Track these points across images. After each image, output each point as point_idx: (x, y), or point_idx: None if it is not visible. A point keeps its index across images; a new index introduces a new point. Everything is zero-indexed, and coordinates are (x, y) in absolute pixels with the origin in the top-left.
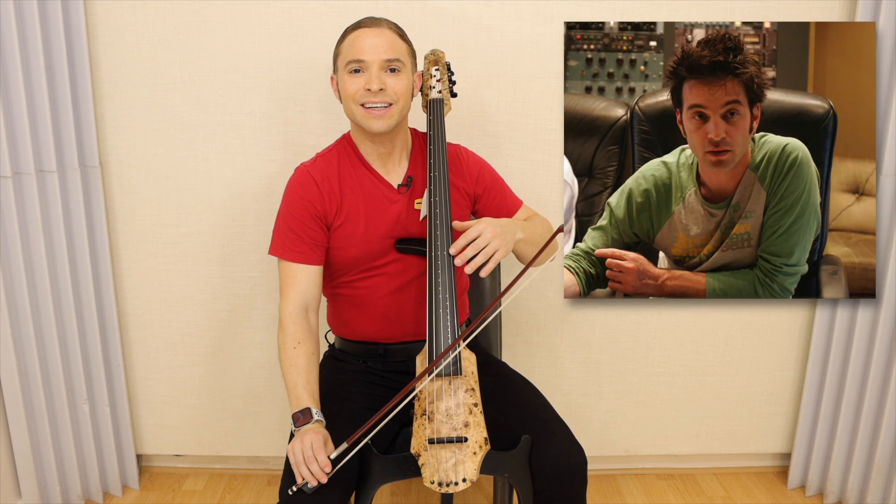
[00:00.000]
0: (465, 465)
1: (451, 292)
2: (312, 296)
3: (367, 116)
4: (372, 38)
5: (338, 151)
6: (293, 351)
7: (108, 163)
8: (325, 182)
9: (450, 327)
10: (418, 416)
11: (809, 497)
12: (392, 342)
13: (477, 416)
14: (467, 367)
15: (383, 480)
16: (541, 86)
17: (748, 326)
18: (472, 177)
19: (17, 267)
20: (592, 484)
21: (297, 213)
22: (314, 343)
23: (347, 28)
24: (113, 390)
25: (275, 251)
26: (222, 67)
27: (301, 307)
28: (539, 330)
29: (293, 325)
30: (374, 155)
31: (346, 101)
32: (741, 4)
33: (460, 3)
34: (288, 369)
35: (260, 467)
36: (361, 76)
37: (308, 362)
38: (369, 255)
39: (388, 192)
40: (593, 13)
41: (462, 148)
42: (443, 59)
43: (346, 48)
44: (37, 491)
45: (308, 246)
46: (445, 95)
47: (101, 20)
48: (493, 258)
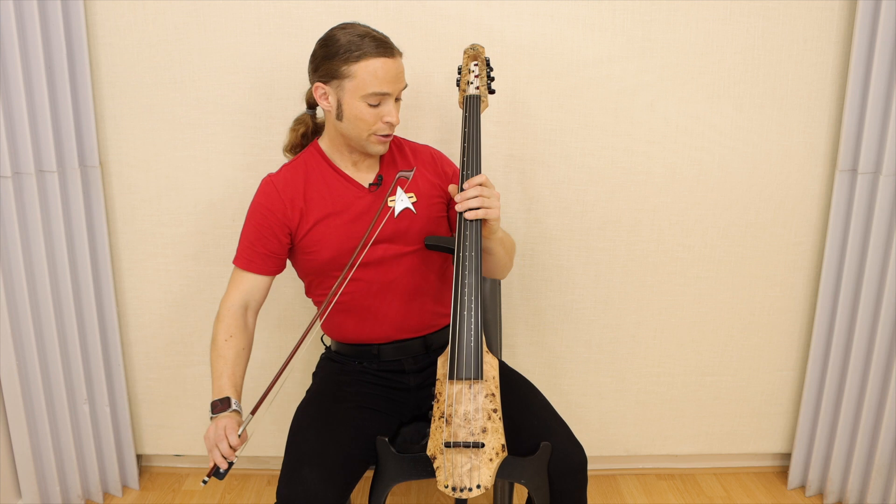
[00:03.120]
0: (480, 472)
1: (477, 293)
2: (254, 299)
3: (375, 143)
4: (393, 69)
5: (305, 160)
6: (224, 343)
7: (108, 163)
8: (287, 190)
9: (473, 328)
10: (436, 418)
11: (809, 497)
12: (384, 342)
13: (496, 423)
14: (489, 372)
15: (398, 479)
16: (541, 86)
17: (748, 326)
18: (448, 176)
19: (17, 267)
20: (592, 484)
21: (254, 222)
22: (246, 339)
23: (360, 47)
24: (113, 390)
25: (235, 259)
26: (222, 67)
27: (241, 305)
28: (539, 330)
29: (230, 318)
30: (349, 162)
31: (357, 124)
32: (741, 4)
33: (460, 3)
34: (216, 359)
35: (260, 467)
36: (380, 107)
37: (236, 355)
38: (342, 255)
39: (358, 191)
40: (593, 13)
41: (433, 149)
42: (482, 55)
43: (367, 76)
44: (37, 491)
45: (259, 256)
46: (483, 92)
47: (101, 20)
48: (483, 209)
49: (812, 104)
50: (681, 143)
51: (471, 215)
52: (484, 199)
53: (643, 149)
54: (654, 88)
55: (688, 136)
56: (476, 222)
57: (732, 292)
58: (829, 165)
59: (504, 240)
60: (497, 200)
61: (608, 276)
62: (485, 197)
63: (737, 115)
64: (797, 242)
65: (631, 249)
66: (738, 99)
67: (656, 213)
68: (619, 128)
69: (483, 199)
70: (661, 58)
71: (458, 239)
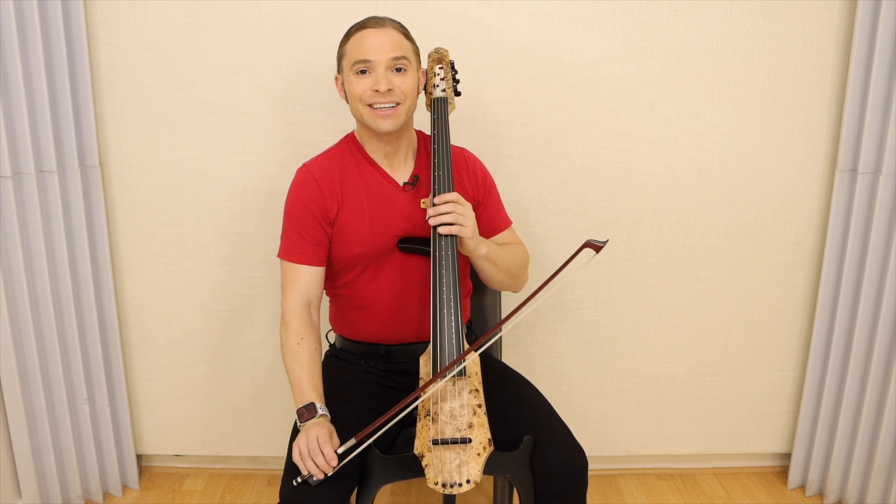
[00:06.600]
0: (469, 467)
1: (455, 291)
2: (314, 293)
3: (374, 117)
4: (378, 38)
5: (341, 150)
6: (297, 346)
7: (108, 163)
8: (325, 179)
9: (453, 327)
10: (422, 416)
11: (809, 497)
12: (394, 343)
13: (481, 418)
14: (471, 368)
15: (386, 481)
16: (541, 86)
17: (748, 326)
18: (478, 181)
19: (17, 267)
20: (592, 484)
21: (298, 213)
22: (317, 339)
23: (351, 28)
24: (113, 390)
25: (280, 253)
26: (222, 67)
27: (303, 303)
28: (539, 330)
29: (296, 320)
30: (381, 154)
31: (354, 101)
32: (741, 4)
33: (460, 3)
34: (291, 365)
35: (260, 467)
36: (368, 77)
37: (311, 358)
38: (372, 251)
39: (393, 189)
40: (593, 13)
41: (468, 152)
42: (447, 58)
43: (352, 49)
44: (37, 491)
45: (310, 246)
46: (449, 94)
47: (101, 20)
48: (455, 226)
49: (812, 104)
50: (681, 143)
51: (444, 230)
52: (457, 215)
53: (643, 149)
54: (654, 88)
55: (688, 136)
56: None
57: (732, 292)
58: (829, 165)
59: (492, 258)
60: (471, 219)
61: (608, 276)
62: (458, 214)
63: (737, 115)
64: (797, 242)
65: (631, 249)
66: (738, 99)
67: (656, 213)
68: (619, 128)
69: (457, 215)
70: (661, 58)
71: (433, 238)
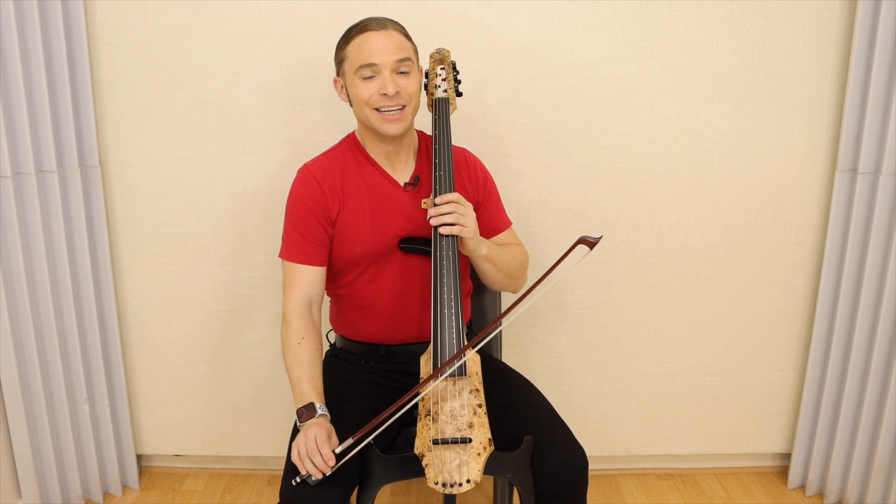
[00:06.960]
0: (469, 466)
1: (456, 292)
2: (316, 293)
3: (382, 120)
4: (381, 41)
5: (342, 150)
6: (297, 346)
7: (108, 163)
8: (326, 179)
9: (454, 327)
10: (422, 416)
11: (809, 497)
12: (395, 343)
13: (481, 417)
14: (471, 368)
15: (386, 480)
16: (541, 86)
17: (748, 326)
18: (479, 181)
19: (17, 267)
20: (592, 484)
21: (300, 213)
22: (318, 339)
23: (351, 30)
24: (113, 390)
25: (281, 253)
26: (222, 67)
27: (305, 303)
28: (539, 330)
29: (297, 320)
30: (382, 154)
31: (359, 105)
32: (741, 4)
33: (460, 3)
34: (292, 365)
35: (260, 467)
36: (374, 80)
37: (312, 357)
38: (373, 252)
39: (394, 189)
40: (593, 13)
41: (469, 152)
42: (448, 58)
43: (354, 52)
44: (37, 491)
45: (311, 246)
46: (451, 95)
47: (101, 20)
48: (456, 226)
49: (812, 104)
50: (681, 143)
51: (445, 231)
52: (459, 215)
53: (643, 149)
54: (654, 88)
55: (688, 136)
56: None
57: (732, 292)
58: (829, 165)
59: (493, 258)
60: (472, 220)
61: (608, 276)
62: (459, 214)
63: (737, 115)
64: (797, 242)
65: (631, 249)
66: (738, 99)
67: (656, 213)
68: (619, 128)
69: (458, 215)
70: (661, 58)
71: (434, 239)
